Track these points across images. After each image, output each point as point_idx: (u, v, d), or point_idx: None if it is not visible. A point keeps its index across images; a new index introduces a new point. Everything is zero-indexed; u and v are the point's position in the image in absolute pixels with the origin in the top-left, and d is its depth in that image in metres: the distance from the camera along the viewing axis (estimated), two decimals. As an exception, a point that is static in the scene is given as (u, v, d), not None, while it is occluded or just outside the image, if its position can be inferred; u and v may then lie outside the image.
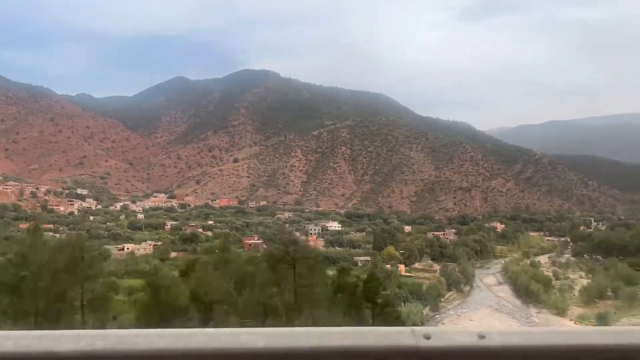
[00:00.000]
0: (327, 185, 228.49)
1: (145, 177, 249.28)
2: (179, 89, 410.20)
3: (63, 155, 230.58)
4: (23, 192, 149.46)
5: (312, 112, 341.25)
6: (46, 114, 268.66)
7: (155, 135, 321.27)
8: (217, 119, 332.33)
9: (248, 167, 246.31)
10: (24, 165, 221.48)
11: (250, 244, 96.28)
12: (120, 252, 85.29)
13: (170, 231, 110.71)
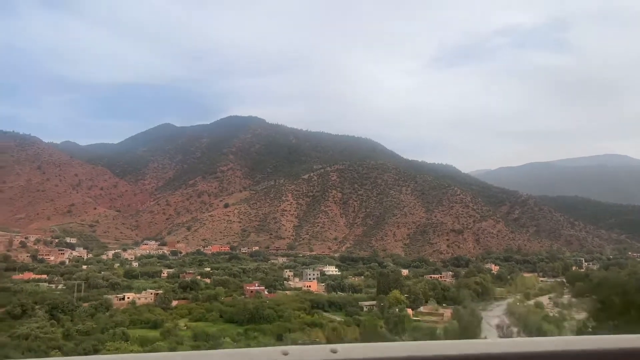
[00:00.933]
0: (320, 229, 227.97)
1: (134, 224, 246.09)
2: (166, 135, 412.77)
3: (51, 204, 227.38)
4: (12, 242, 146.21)
5: (300, 157, 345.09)
6: (33, 162, 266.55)
7: (143, 182, 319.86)
8: (205, 165, 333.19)
9: (239, 212, 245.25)
10: (10, 214, 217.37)
11: (252, 290, 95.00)
12: (121, 302, 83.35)
13: (167, 279, 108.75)
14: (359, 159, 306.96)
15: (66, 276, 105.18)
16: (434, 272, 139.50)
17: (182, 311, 78.86)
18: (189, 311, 78.87)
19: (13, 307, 72.68)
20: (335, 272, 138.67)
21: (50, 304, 76.06)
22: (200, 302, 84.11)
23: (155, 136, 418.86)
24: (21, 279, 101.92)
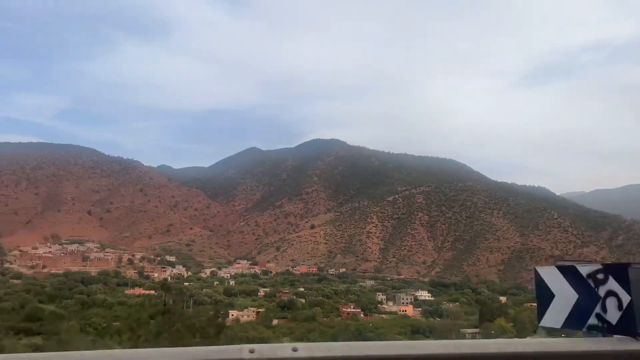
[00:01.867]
0: (407, 252, 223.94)
1: (226, 243, 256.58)
2: (252, 159, 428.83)
3: (152, 224, 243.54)
4: (121, 259, 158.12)
5: (383, 179, 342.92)
6: (136, 185, 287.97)
7: (233, 203, 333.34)
8: (290, 187, 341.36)
9: (325, 233, 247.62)
10: (117, 233, 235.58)
11: (349, 312, 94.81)
12: (226, 319, 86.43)
13: (264, 298, 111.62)
14: (445, 181, 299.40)
15: (172, 293, 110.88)
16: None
17: (283, 330, 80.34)
18: (290, 330, 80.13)
19: (131, 321, 77.97)
20: (428, 297, 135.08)
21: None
22: (299, 322, 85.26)
23: (243, 160, 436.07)
24: (133, 294, 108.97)
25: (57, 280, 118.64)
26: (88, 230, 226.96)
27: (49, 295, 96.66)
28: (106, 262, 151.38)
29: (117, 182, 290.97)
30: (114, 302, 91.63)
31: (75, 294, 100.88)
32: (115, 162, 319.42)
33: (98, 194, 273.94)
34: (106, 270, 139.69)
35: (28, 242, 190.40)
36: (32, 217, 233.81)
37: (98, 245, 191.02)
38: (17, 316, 77.74)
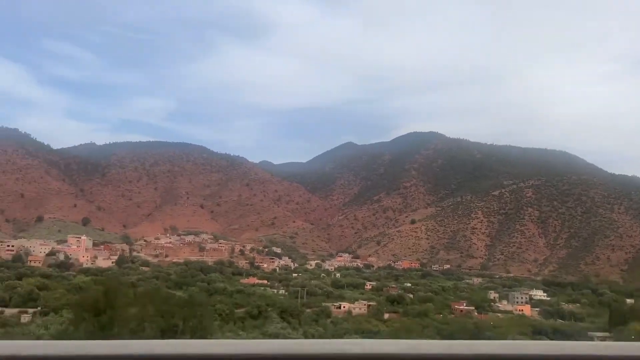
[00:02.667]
0: (516, 250, 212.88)
1: (326, 236, 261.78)
2: (348, 153, 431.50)
3: (258, 217, 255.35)
4: (234, 249, 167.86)
5: (486, 172, 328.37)
6: (242, 180, 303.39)
7: (332, 197, 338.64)
8: (388, 181, 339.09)
9: (426, 228, 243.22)
10: (227, 225, 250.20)
11: (462, 309, 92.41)
12: (338, 310, 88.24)
13: (372, 291, 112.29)
14: (556, 174, 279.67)
15: (283, 282, 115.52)
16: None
17: (396, 324, 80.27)
18: (403, 325, 79.89)
19: (251, 308, 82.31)
20: (544, 297, 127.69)
21: (280, 307, 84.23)
22: (411, 317, 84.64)
23: (339, 154, 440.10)
24: (247, 283, 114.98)
25: (179, 268, 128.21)
26: (201, 222, 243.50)
27: (175, 282, 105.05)
28: (220, 252, 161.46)
29: (225, 177, 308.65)
30: (233, 291, 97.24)
31: (197, 281, 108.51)
32: (223, 159, 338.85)
33: (209, 189, 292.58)
34: (221, 260, 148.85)
35: (150, 233, 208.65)
36: (153, 210, 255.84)
37: (211, 236, 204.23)
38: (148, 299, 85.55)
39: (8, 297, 78.80)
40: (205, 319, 72.89)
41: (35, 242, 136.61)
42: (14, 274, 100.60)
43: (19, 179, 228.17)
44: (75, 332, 58.62)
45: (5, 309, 73.58)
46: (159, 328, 64.66)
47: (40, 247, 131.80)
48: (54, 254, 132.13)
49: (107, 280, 74.95)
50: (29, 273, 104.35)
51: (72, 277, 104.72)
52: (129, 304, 41.18)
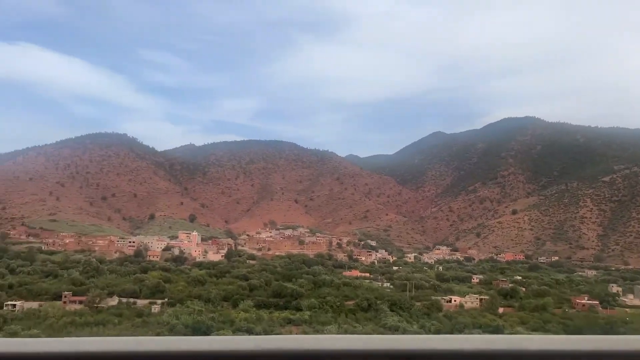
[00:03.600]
0: (634, 239, 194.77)
1: (421, 229, 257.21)
2: (438, 143, 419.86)
3: (350, 210, 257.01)
4: (331, 242, 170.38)
5: (592, 157, 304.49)
6: (333, 174, 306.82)
7: (423, 189, 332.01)
8: (483, 170, 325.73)
9: (529, 218, 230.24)
10: (320, 219, 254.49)
11: (584, 304, 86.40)
12: (448, 304, 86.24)
13: (480, 285, 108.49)
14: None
15: (386, 275, 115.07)
16: None
17: (513, 319, 76.80)
18: (521, 319, 76.26)
19: (361, 301, 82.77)
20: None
21: (389, 300, 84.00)
22: (528, 312, 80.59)
23: (428, 145, 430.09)
24: (350, 276, 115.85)
25: (283, 261, 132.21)
26: (296, 216, 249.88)
27: (282, 275, 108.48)
28: (319, 245, 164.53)
29: (316, 172, 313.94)
30: (339, 283, 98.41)
31: (303, 274, 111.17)
32: (313, 154, 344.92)
33: (301, 184, 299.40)
34: (320, 253, 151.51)
35: (250, 228, 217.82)
36: (251, 205, 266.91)
37: (307, 230, 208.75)
38: (264, 292, 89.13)
39: (138, 289, 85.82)
40: (316, 310, 74.02)
41: (152, 239, 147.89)
42: (138, 268, 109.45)
43: (131, 180, 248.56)
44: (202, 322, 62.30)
45: (137, 300, 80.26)
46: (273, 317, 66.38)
47: (157, 243, 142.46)
48: (169, 249, 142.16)
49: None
50: (151, 267, 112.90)
51: (188, 270, 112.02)
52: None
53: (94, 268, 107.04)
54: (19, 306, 73.85)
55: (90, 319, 63.90)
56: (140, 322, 64.32)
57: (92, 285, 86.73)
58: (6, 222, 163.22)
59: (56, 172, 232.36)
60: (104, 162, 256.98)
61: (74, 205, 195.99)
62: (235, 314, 69.00)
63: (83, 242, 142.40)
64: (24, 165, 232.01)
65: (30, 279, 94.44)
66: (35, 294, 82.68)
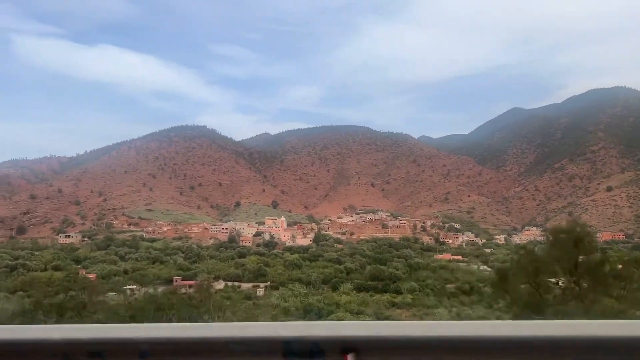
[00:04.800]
0: None
1: (505, 210, 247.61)
2: (517, 120, 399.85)
3: (429, 193, 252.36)
4: (416, 226, 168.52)
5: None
6: (409, 157, 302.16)
7: (504, 168, 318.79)
8: (569, 146, 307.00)
9: (627, 195, 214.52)
10: (399, 202, 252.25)
11: None
12: (557, 286, 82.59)
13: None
14: None
15: (481, 258, 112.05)
16: None
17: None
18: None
19: (462, 284, 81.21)
20: None
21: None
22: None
23: (506, 122, 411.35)
24: (442, 259, 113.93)
25: (370, 244, 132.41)
26: (374, 200, 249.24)
27: (374, 259, 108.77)
28: (403, 229, 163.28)
29: (391, 155, 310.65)
30: (435, 266, 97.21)
31: (394, 257, 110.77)
32: (387, 137, 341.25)
33: (376, 168, 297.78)
34: (407, 236, 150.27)
35: (330, 212, 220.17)
36: (328, 191, 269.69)
37: (387, 213, 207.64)
38: (360, 275, 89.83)
39: (241, 273, 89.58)
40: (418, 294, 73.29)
41: (243, 225, 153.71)
42: (235, 253, 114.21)
43: (215, 170, 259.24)
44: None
45: (241, 283, 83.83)
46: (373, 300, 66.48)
47: (248, 229, 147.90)
48: (259, 234, 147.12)
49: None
50: (246, 252, 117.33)
51: (280, 254, 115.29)
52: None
53: (195, 254, 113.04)
54: (136, 290, 79.53)
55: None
56: (251, 304, 67.25)
57: (199, 270, 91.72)
58: (108, 213, 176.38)
59: (147, 164, 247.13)
60: (189, 154, 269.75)
61: (166, 195, 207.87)
62: (337, 296, 70.22)
63: (179, 229, 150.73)
64: (118, 159, 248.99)
65: (140, 264, 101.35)
66: (149, 278, 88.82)
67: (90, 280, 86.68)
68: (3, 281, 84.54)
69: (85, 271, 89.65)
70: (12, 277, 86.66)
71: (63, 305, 63.62)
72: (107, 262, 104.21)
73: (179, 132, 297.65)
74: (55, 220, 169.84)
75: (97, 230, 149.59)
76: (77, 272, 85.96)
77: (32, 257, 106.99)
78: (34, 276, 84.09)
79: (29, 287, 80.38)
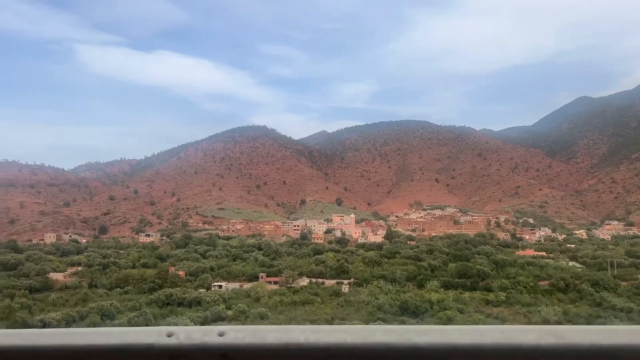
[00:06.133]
0: None
1: (580, 203, 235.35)
2: (586, 109, 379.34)
3: (498, 187, 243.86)
4: (490, 221, 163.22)
5: None
6: (473, 150, 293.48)
7: (575, 160, 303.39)
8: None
9: None
10: (466, 197, 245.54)
11: None
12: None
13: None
14: None
15: (568, 254, 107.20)
16: None
17: None
18: None
19: (556, 281, 77.61)
20: None
21: (589, 280, 77.88)
22: None
23: (575, 112, 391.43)
24: (524, 255, 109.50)
25: (445, 241, 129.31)
26: (439, 196, 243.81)
27: (454, 255, 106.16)
28: (476, 225, 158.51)
29: (455, 149, 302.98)
30: (523, 263, 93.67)
31: (474, 254, 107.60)
32: (449, 131, 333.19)
33: (440, 162, 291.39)
34: (482, 233, 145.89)
35: (395, 209, 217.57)
36: (391, 187, 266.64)
37: (456, 209, 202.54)
38: (446, 273, 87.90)
39: (323, 269, 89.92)
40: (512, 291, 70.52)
41: (313, 222, 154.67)
42: (311, 250, 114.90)
43: (279, 168, 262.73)
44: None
45: (324, 280, 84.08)
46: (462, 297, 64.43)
47: (318, 226, 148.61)
48: (330, 231, 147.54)
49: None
50: (322, 249, 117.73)
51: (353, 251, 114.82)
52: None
53: (274, 251, 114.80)
54: (224, 287, 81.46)
55: (296, 298, 68.02)
56: (343, 301, 67.12)
57: (281, 266, 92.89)
58: (183, 212, 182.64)
59: (214, 165, 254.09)
60: (252, 154, 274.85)
61: (234, 194, 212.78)
62: (427, 294, 68.82)
63: (252, 227, 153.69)
64: (187, 161, 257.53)
65: (221, 262, 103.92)
66: (233, 275, 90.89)
67: (180, 276, 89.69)
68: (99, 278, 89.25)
69: (173, 268, 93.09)
70: (106, 274, 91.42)
71: (159, 300, 65.24)
72: (190, 259, 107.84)
73: (242, 133, 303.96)
74: (133, 220, 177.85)
75: (174, 229, 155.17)
76: (167, 269, 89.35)
77: (119, 256, 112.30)
78: (127, 273, 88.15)
79: (124, 283, 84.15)
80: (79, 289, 78.67)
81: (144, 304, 62.26)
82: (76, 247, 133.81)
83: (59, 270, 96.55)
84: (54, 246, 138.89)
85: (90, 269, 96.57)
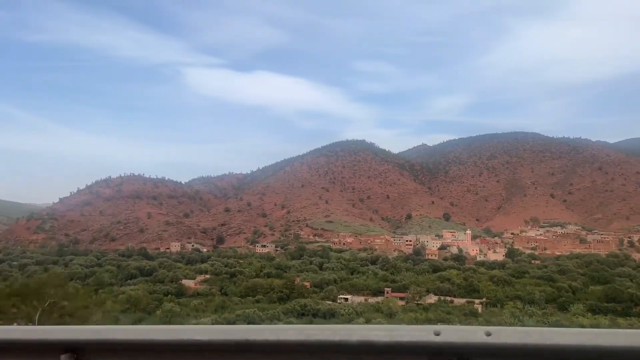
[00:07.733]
0: None
1: None
2: None
3: (625, 204, 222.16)
4: (622, 241, 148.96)
5: None
6: (592, 164, 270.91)
7: None
8: None
9: None
10: (586, 214, 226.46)
11: None
12: None
13: None
14: None
15: None
16: None
17: None
18: None
19: None
20: None
21: None
22: None
23: None
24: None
25: (574, 262, 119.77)
26: (555, 212, 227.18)
27: (590, 277, 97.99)
28: (606, 244, 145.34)
29: (571, 162, 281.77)
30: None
31: (614, 275, 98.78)
32: (563, 143, 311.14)
33: (554, 177, 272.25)
34: (613, 252, 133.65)
35: (507, 225, 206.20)
36: (501, 202, 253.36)
37: (578, 227, 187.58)
38: (590, 295, 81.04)
39: (451, 287, 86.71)
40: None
41: (426, 237, 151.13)
42: (429, 266, 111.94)
43: (381, 182, 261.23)
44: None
45: (453, 298, 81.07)
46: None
47: (431, 242, 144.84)
48: (444, 247, 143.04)
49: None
50: (440, 266, 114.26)
51: (475, 268, 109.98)
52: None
53: (392, 265, 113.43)
54: (350, 299, 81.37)
55: (430, 316, 65.96)
56: (484, 322, 63.97)
57: (404, 282, 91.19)
58: (294, 224, 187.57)
59: (319, 178, 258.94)
60: (355, 167, 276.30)
61: (340, 207, 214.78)
62: (574, 318, 63.61)
63: (363, 240, 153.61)
64: (293, 174, 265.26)
65: (340, 274, 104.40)
66: (357, 288, 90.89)
67: (307, 287, 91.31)
68: (228, 286, 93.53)
69: (299, 279, 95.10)
70: (234, 283, 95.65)
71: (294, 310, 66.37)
72: (309, 271, 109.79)
73: (344, 147, 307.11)
74: (247, 231, 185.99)
75: (287, 241, 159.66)
76: (293, 280, 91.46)
77: (240, 265, 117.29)
78: (255, 282, 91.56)
79: (252, 292, 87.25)
80: (211, 296, 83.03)
81: (281, 313, 63.84)
82: (199, 256, 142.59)
83: (189, 277, 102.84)
84: (179, 254, 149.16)
85: (219, 277, 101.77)
